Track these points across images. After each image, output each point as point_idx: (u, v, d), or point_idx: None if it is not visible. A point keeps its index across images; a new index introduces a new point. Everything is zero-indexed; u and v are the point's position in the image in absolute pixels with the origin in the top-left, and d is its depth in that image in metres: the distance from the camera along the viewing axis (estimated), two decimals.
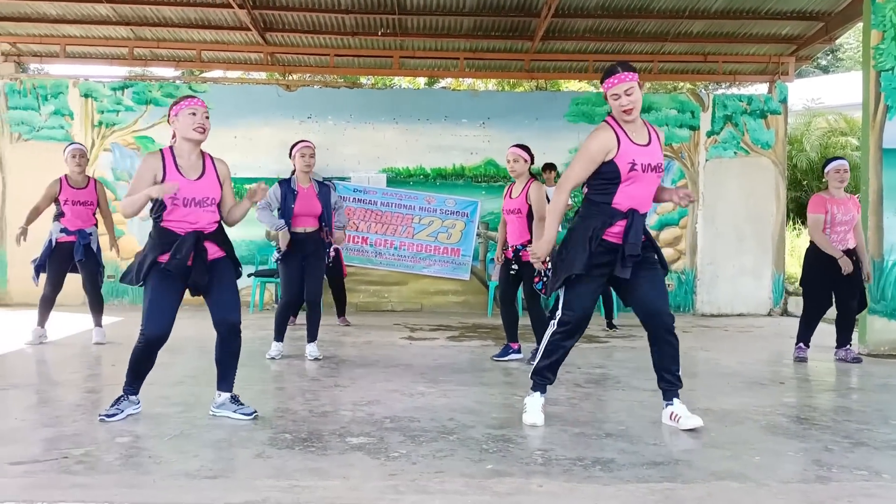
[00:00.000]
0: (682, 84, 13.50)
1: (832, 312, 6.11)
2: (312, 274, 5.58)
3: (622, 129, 3.62)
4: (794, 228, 13.57)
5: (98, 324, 6.35)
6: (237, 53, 10.44)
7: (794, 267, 11.19)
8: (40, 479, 2.78)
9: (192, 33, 9.82)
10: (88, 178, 6.42)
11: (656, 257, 3.76)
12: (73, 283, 6.44)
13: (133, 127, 9.77)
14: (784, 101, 10.11)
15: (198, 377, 4.82)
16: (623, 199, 3.61)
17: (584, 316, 3.79)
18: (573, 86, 14.71)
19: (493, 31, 9.73)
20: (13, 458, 3.03)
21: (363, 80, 13.88)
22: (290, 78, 11.71)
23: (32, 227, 6.25)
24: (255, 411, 3.75)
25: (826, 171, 6.00)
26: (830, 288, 5.93)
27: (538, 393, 3.84)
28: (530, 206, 5.49)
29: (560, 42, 9.95)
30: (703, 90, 11.82)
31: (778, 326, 8.74)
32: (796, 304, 9.85)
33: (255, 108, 9.78)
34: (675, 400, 3.76)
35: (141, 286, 3.70)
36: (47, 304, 6.21)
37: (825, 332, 6.24)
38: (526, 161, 5.68)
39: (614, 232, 3.62)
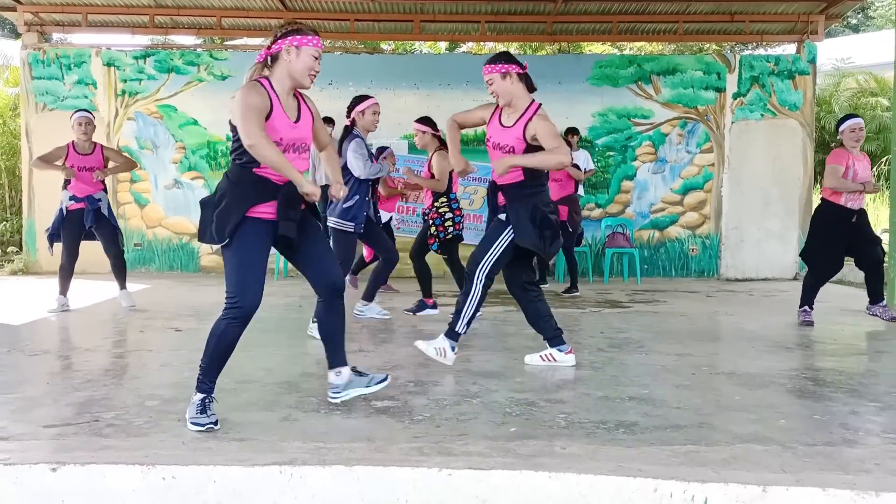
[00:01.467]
0: (707, 45, 13.20)
1: (847, 275, 6.04)
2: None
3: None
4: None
5: (123, 286, 6.44)
6: (257, 20, 10.38)
7: None
8: (72, 441, 2.85)
9: (213, 0, 9.78)
10: (95, 143, 6.43)
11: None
12: (96, 251, 6.51)
13: (156, 95, 9.80)
14: (813, 61, 9.86)
15: None
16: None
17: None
18: (596, 48, 14.46)
19: None
20: (45, 420, 3.11)
21: (384, 45, 13.75)
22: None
23: (45, 198, 6.31)
24: (387, 375, 3.45)
25: (841, 129, 5.90)
26: (842, 245, 5.83)
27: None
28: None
29: (583, 3, 9.76)
30: (729, 51, 11.56)
31: None
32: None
33: None
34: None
35: (218, 246, 3.07)
36: (66, 273, 6.28)
37: (850, 294, 6.17)
38: (425, 133, 6.32)
39: None
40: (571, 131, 8.90)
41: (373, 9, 10.02)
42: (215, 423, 2.98)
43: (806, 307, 5.98)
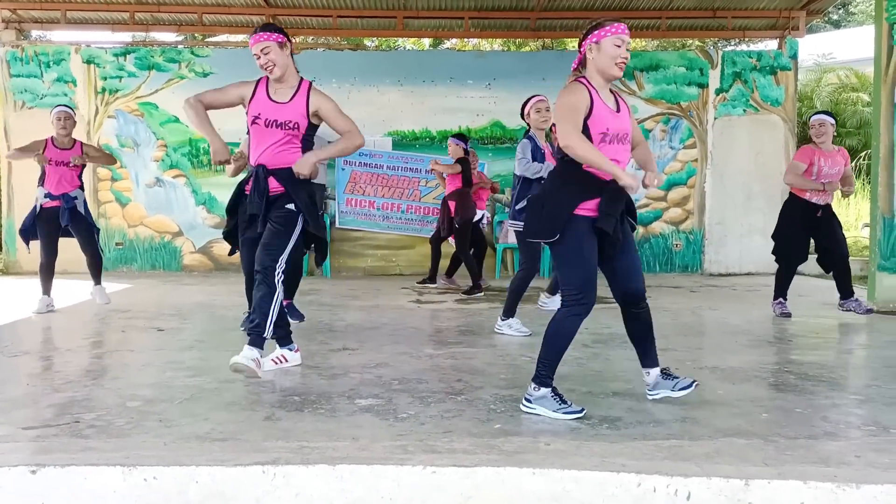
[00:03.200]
0: (690, 41, 13.27)
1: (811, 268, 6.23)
2: None
3: None
4: None
5: (98, 282, 6.37)
6: (239, 16, 10.31)
7: None
8: (52, 443, 2.81)
9: None
10: (75, 140, 6.32)
11: (290, 207, 3.81)
12: (77, 250, 6.43)
13: (136, 93, 9.71)
14: (794, 57, 9.94)
15: (207, 342, 4.86)
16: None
17: None
18: None
19: None
20: (25, 422, 3.07)
21: (367, 42, 13.70)
22: (294, 41, 11.58)
23: (25, 196, 6.22)
24: (695, 380, 3.32)
25: (810, 123, 6.10)
26: (806, 235, 6.01)
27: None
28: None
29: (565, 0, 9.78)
30: (711, 47, 11.61)
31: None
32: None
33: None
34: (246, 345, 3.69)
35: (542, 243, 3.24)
36: (46, 272, 6.18)
37: (831, 288, 6.22)
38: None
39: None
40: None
41: (356, 5, 9.98)
42: (577, 412, 3.13)
43: (780, 299, 6.10)
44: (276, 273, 3.70)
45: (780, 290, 6.13)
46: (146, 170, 9.71)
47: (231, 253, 4.32)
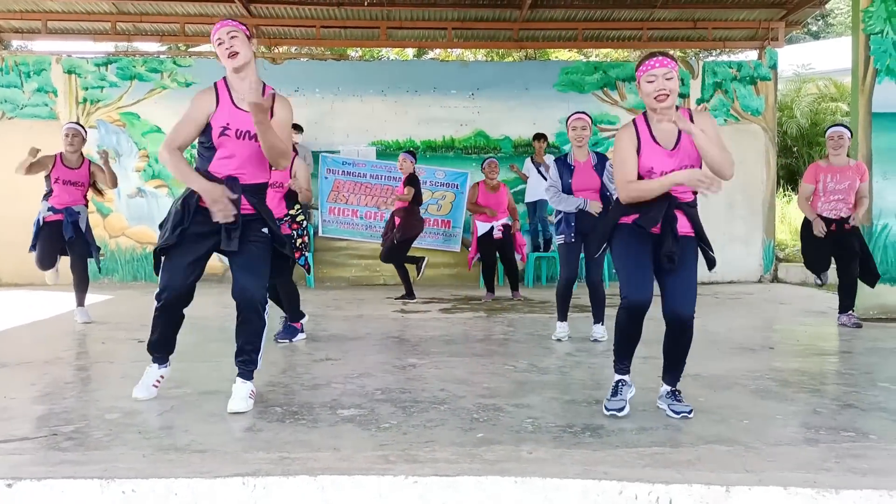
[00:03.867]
0: (671, 51, 13.40)
1: (809, 278, 6.21)
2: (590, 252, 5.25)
3: None
4: (785, 195, 13.59)
5: (81, 303, 6.26)
6: None
7: (784, 234, 11.24)
8: (29, 456, 2.77)
9: (176, 6, 9.68)
10: (84, 159, 6.25)
11: (265, 231, 3.49)
12: (62, 263, 6.36)
13: (118, 103, 9.66)
14: (774, 67, 10.06)
15: (187, 353, 4.80)
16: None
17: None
18: (562, 55, 14.59)
19: (481, 1, 9.62)
20: (2, 435, 3.02)
21: (350, 52, 13.72)
22: (277, 51, 11.58)
23: (23, 212, 6.07)
24: (691, 408, 3.33)
25: (827, 135, 6.11)
26: (825, 247, 6.01)
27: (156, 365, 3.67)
28: None
29: (548, 10, 9.86)
30: (692, 57, 11.73)
31: (768, 293, 8.78)
32: (786, 271, 9.92)
33: None
34: (238, 379, 3.48)
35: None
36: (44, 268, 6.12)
37: (811, 296, 6.29)
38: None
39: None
40: (539, 137, 8.96)
41: (339, 15, 10.00)
42: (622, 408, 3.34)
43: (850, 312, 6.02)
44: (267, 309, 3.52)
45: (844, 303, 6.05)
46: (128, 180, 9.63)
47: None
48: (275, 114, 3.49)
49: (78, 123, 6.35)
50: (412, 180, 7.74)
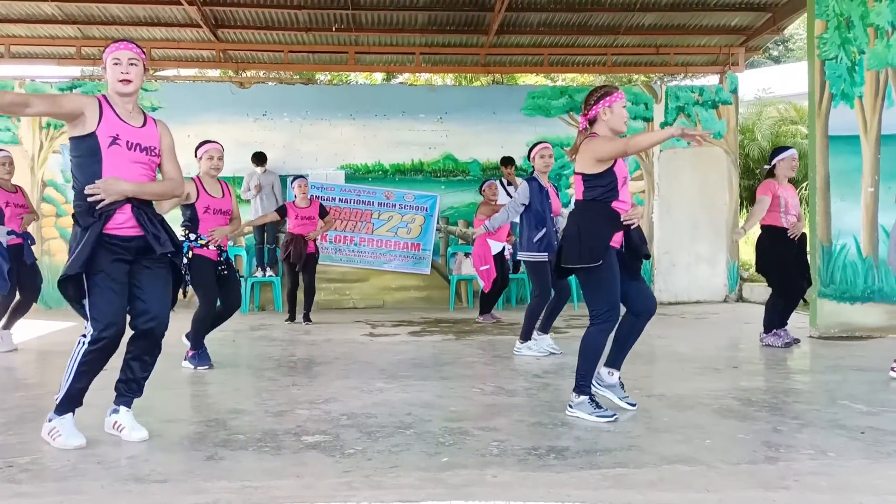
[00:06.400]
0: (635, 76, 13.64)
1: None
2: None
3: None
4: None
5: (8, 328, 6.11)
6: (188, 51, 10.28)
7: (749, 254, 11.41)
8: None
9: (142, 31, 9.65)
10: (17, 186, 6.21)
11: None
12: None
13: None
14: (735, 91, 10.29)
15: (149, 380, 4.73)
16: None
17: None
18: (529, 79, 14.78)
19: (448, 26, 9.74)
20: None
21: (319, 76, 13.77)
22: (244, 75, 11.58)
23: None
24: (635, 403, 3.86)
25: (780, 158, 5.99)
26: (798, 268, 5.97)
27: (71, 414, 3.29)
28: None
29: (515, 36, 10.01)
30: (656, 82, 11.96)
31: (733, 312, 8.91)
32: (751, 291, 10.07)
33: (208, 106, 9.62)
34: (122, 409, 3.43)
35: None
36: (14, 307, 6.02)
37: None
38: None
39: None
40: (507, 161, 9.04)
41: (307, 40, 10.05)
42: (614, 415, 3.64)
43: (775, 330, 5.99)
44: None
45: (779, 321, 6.01)
46: None
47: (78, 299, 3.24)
48: (163, 143, 3.39)
49: (5, 149, 6.27)
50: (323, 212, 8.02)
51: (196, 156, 5.25)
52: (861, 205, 6.67)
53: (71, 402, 3.29)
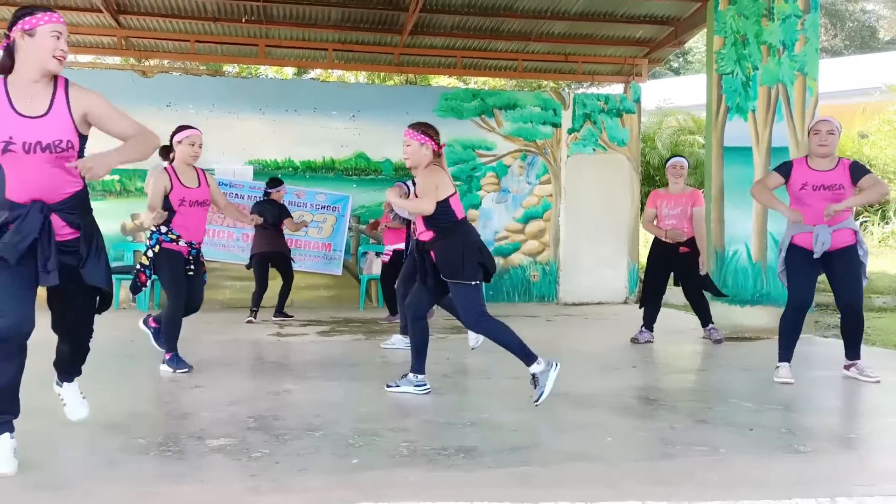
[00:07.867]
0: (545, 83, 13.98)
1: (669, 298, 6.67)
2: None
3: None
4: None
5: None
6: (88, 36, 9.78)
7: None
8: None
9: None
10: None
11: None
12: None
13: None
14: (638, 100, 10.68)
15: (42, 380, 4.49)
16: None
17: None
18: (442, 81, 14.87)
19: (362, 24, 9.67)
20: None
21: (227, 68, 13.41)
22: (147, 63, 11.14)
23: None
24: (429, 389, 4.29)
25: (666, 167, 6.66)
26: (667, 275, 6.55)
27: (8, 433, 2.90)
28: None
29: (429, 37, 10.05)
30: (565, 89, 12.30)
31: (633, 313, 9.21)
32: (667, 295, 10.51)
33: (108, 93, 8.79)
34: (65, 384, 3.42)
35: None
36: None
37: (675, 315, 6.69)
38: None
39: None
40: None
41: (215, 31, 9.76)
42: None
43: (642, 328, 6.53)
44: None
45: (647, 321, 6.53)
46: None
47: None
48: (92, 112, 3.05)
49: None
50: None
51: (172, 141, 4.89)
52: (752, 213, 7.07)
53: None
